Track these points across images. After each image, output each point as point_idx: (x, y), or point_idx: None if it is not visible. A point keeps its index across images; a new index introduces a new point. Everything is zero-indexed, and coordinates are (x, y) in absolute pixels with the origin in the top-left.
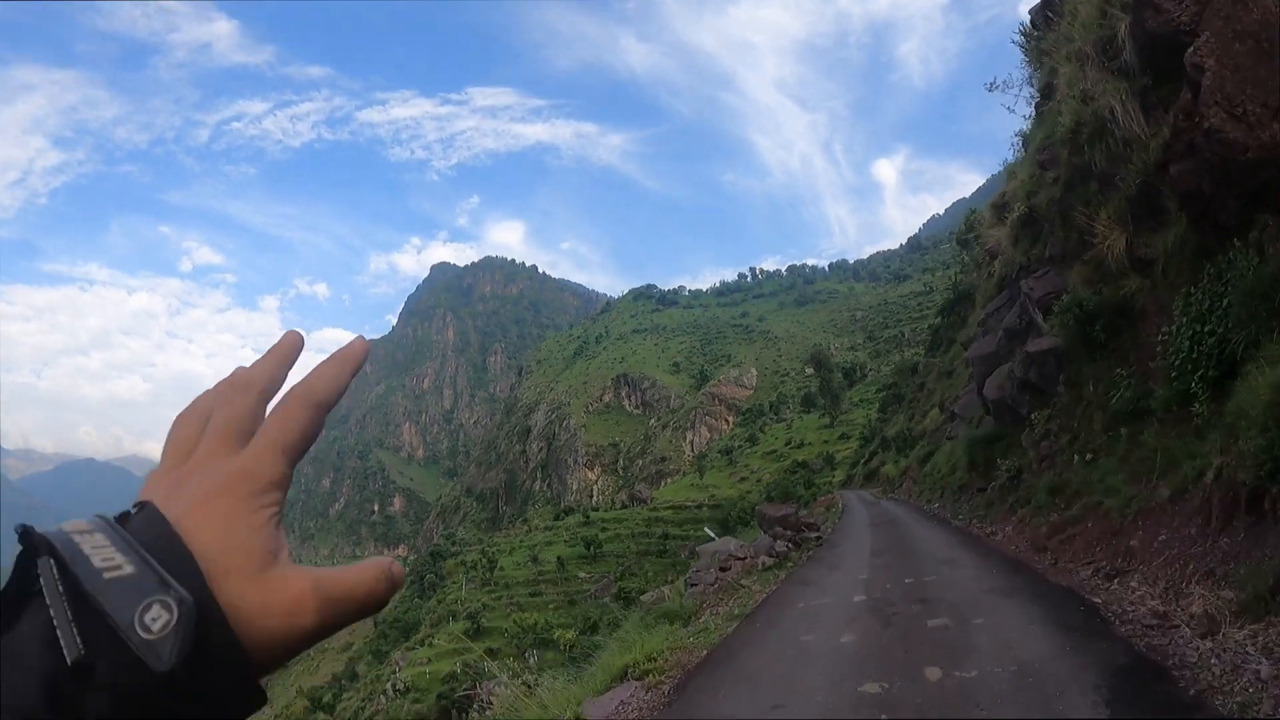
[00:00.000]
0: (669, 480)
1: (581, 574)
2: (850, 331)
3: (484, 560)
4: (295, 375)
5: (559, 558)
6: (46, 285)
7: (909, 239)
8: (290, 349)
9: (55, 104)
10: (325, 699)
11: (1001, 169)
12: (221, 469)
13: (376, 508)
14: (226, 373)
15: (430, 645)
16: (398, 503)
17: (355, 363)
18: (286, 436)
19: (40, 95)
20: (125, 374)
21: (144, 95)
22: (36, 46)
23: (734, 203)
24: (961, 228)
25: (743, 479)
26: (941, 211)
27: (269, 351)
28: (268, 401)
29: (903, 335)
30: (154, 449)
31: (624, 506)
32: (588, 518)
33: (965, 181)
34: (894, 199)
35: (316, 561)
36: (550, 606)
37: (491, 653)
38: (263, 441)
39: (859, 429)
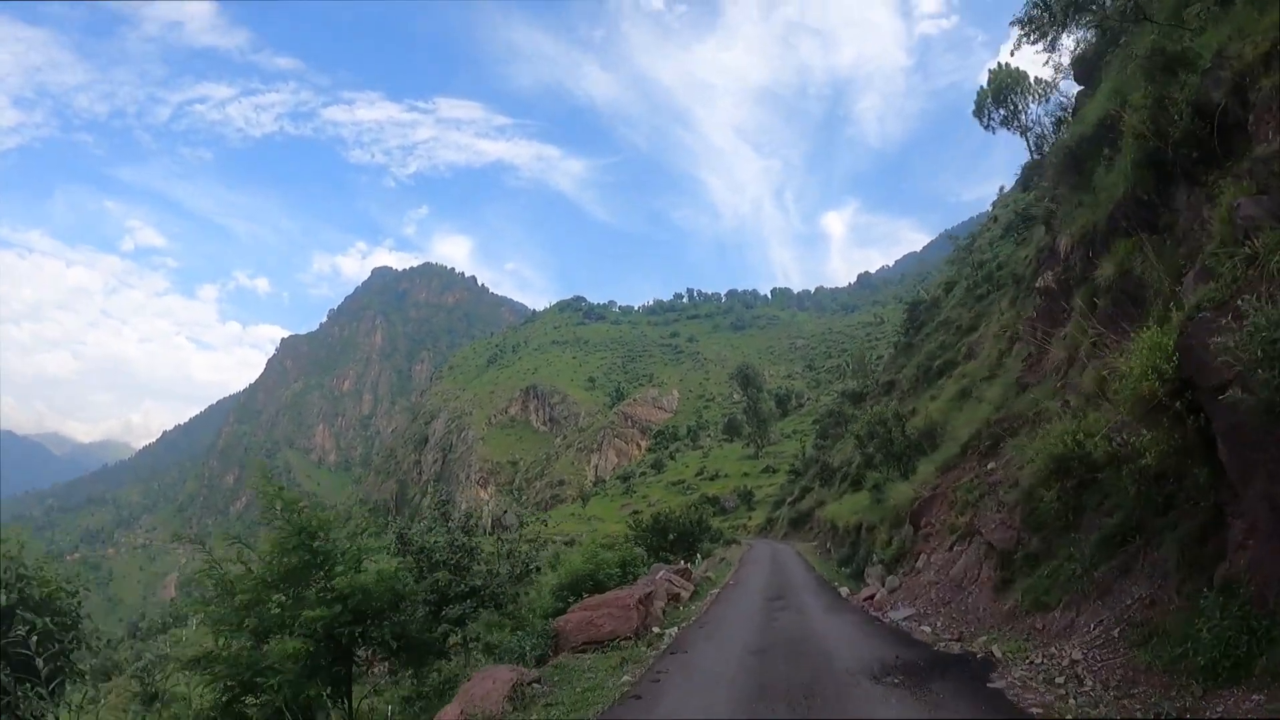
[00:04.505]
0: (566, 506)
1: None
2: (789, 359)
3: None
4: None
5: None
6: None
7: (859, 275)
8: None
9: (19, 62)
10: None
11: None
12: None
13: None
14: (159, 359)
15: None
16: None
17: None
18: None
19: (5, 52)
20: (55, 349)
21: (109, 64)
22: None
23: (682, 238)
24: None
25: (635, 512)
26: (891, 264)
27: None
28: None
29: (846, 366)
30: (76, 428)
31: (486, 534)
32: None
33: (913, 240)
34: (840, 251)
35: (203, 564)
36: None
37: None
38: None
39: (788, 461)
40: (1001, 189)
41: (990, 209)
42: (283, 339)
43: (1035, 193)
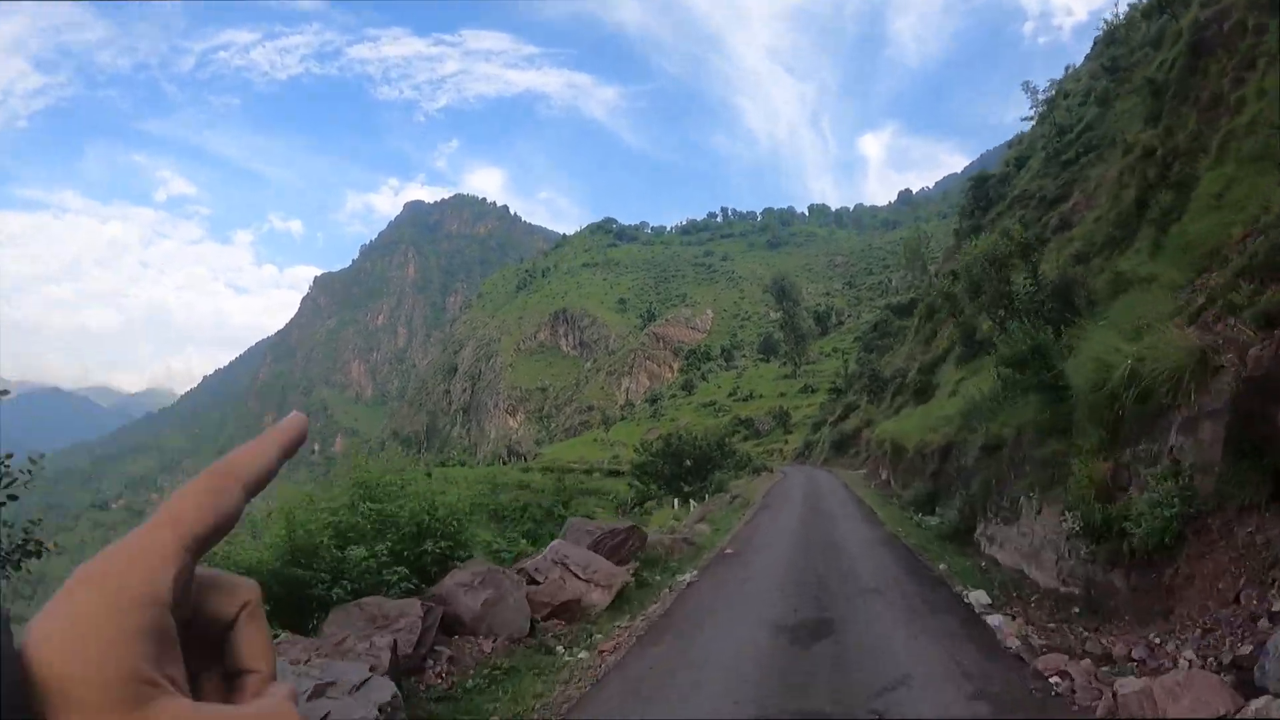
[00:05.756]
0: (591, 432)
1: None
2: (828, 277)
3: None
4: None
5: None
6: (22, 211)
7: (899, 193)
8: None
9: (38, 24)
10: None
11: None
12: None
13: (317, 447)
14: (197, 306)
15: None
16: (339, 443)
17: (290, 440)
18: (187, 518)
19: (23, 15)
20: (96, 304)
21: (129, 19)
22: None
23: (716, 163)
24: None
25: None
26: (931, 185)
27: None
28: (252, 495)
29: (888, 283)
30: (121, 379)
31: (503, 463)
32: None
33: (952, 163)
34: (878, 173)
35: (250, 505)
36: None
37: None
38: (153, 527)
39: (829, 380)
40: (1068, 68)
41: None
42: (315, 277)
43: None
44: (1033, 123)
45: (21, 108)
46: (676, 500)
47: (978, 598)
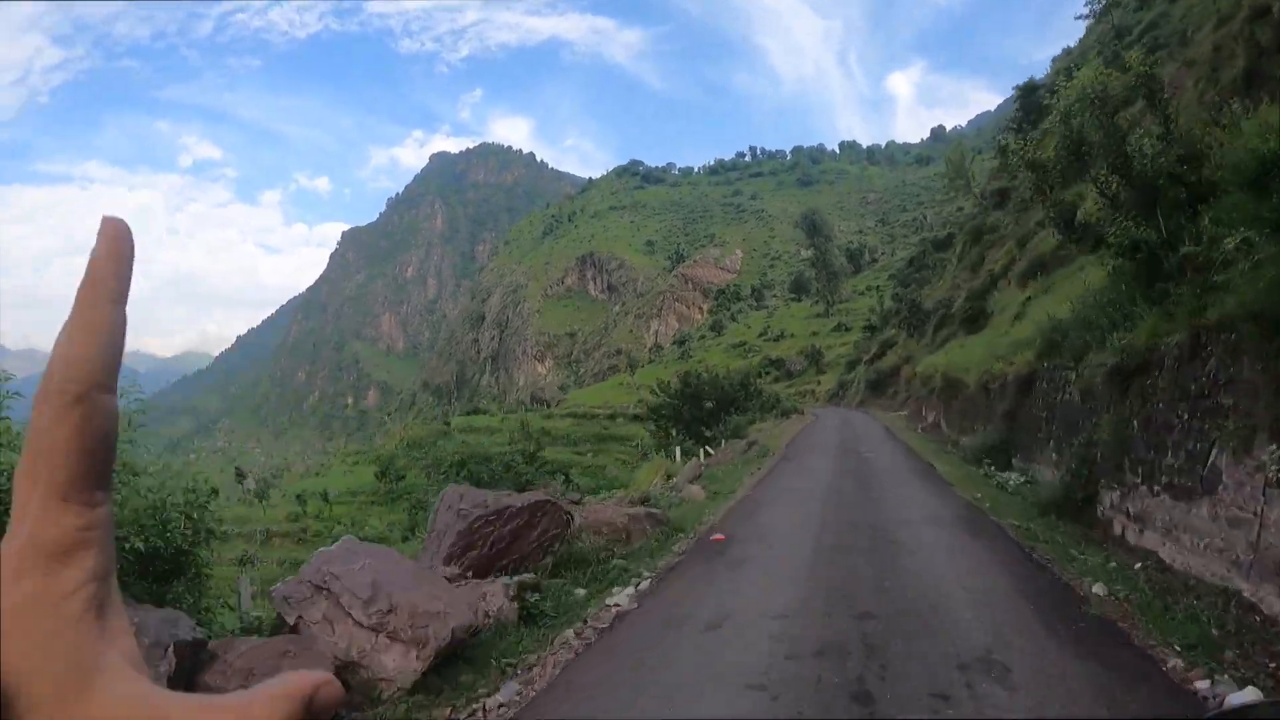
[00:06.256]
0: (619, 375)
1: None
2: (860, 214)
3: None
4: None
5: (325, 493)
6: (46, 185)
7: (932, 130)
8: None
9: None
10: None
11: None
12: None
13: (350, 401)
14: (229, 268)
15: None
16: (372, 396)
17: (117, 246)
18: (56, 462)
19: None
20: None
21: None
22: None
23: (742, 104)
24: None
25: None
26: (964, 123)
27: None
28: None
29: (924, 219)
30: (155, 344)
31: (526, 410)
32: (447, 425)
33: (984, 100)
34: (908, 111)
35: (286, 458)
36: None
37: None
38: (37, 493)
39: (863, 319)
40: None
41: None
42: (343, 232)
43: None
44: (1086, 22)
45: (41, 83)
46: (679, 450)
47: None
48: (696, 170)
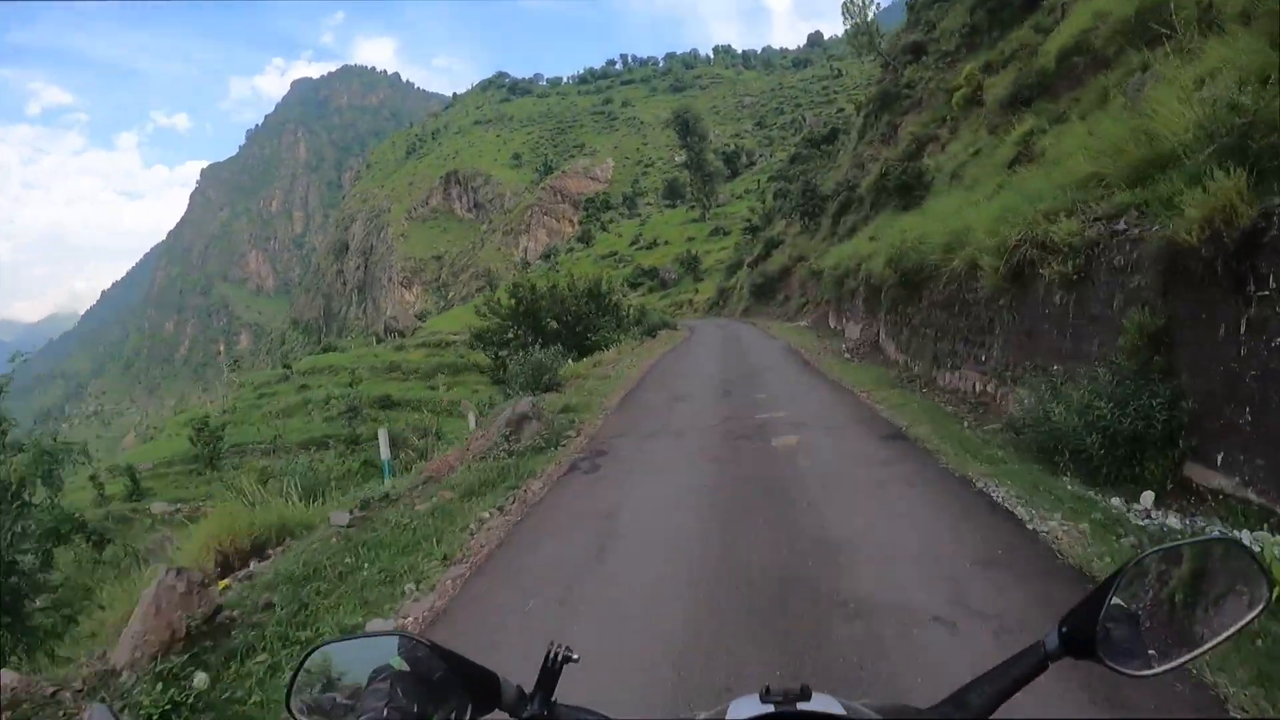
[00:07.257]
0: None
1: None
2: (736, 118)
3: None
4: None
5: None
6: None
7: (809, 36)
8: None
9: None
10: None
11: None
12: None
13: (223, 347)
14: (91, 219)
15: None
16: (244, 340)
17: None
18: None
19: None
20: None
21: None
22: None
23: (617, 18)
24: None
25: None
26: (840, 33)
27: None
28: None
29: (803, 120)
30: (22, 309)
31: (378, 342)
32: (288, 369)
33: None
34: (784, 23)
35: (161, 414)
36: None
37: None
38: None
39: (742, 223)
40: None
41: None
42: (201, 170)
43: None
44: None
45: None
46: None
47: None
48: (566, 80)
